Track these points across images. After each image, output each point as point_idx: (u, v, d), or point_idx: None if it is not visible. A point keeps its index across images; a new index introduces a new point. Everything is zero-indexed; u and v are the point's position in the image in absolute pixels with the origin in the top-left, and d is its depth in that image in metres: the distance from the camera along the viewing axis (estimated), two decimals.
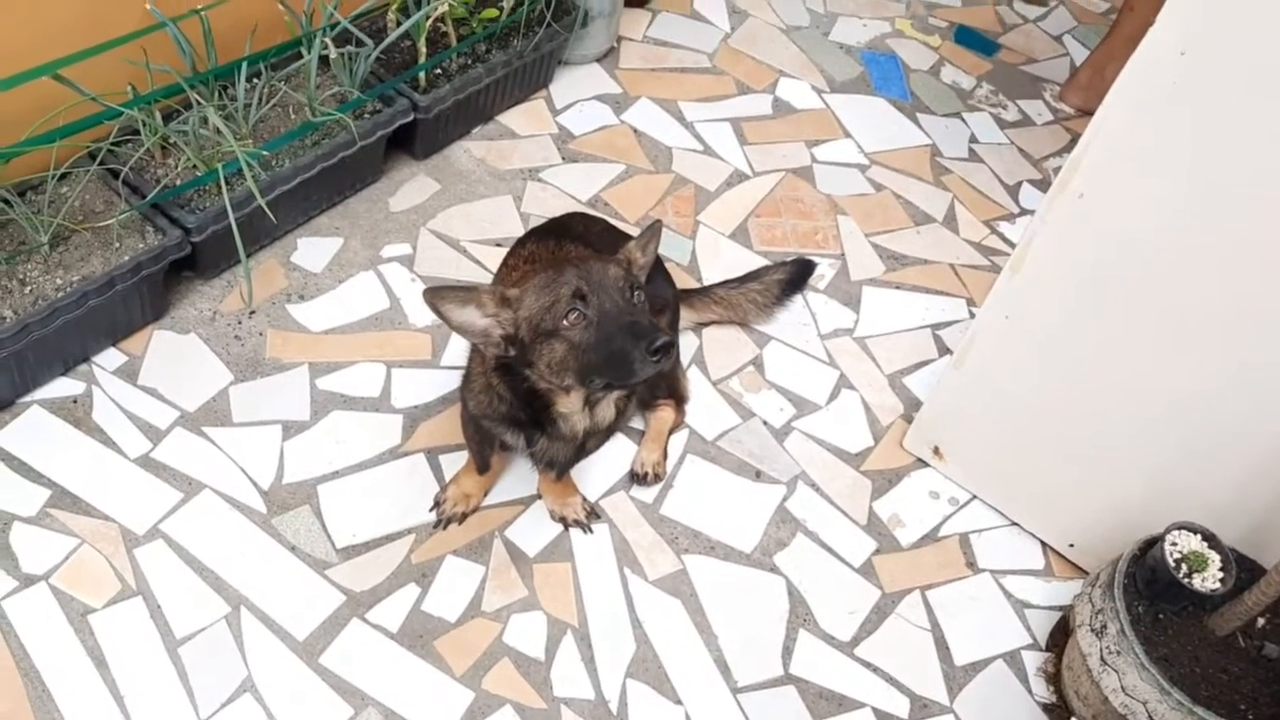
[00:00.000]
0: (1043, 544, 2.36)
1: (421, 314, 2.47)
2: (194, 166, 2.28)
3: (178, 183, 2.27)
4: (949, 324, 2.74)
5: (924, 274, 2.84)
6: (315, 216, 2.59)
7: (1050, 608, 2.28)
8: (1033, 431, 2.26)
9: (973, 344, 2.25)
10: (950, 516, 2.38)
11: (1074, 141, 3.23)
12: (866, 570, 2.27)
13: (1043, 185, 3.15)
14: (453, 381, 2.37)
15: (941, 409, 2.38)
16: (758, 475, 2.37)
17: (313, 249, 2.54)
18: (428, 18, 2.53)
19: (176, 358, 2.29)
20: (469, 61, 2.71)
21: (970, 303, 2.80)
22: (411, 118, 2.58)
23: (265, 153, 2.31)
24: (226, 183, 2.22)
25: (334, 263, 2.52)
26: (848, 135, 3.15)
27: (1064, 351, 2.12)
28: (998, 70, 3.49)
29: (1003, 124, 3.31)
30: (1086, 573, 2.32)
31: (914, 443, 2.46)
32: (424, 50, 2.59)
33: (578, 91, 3.05)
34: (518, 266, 2.08)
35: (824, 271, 2.78)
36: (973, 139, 3.24)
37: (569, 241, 2.10)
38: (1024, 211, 3.06)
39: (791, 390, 2.53)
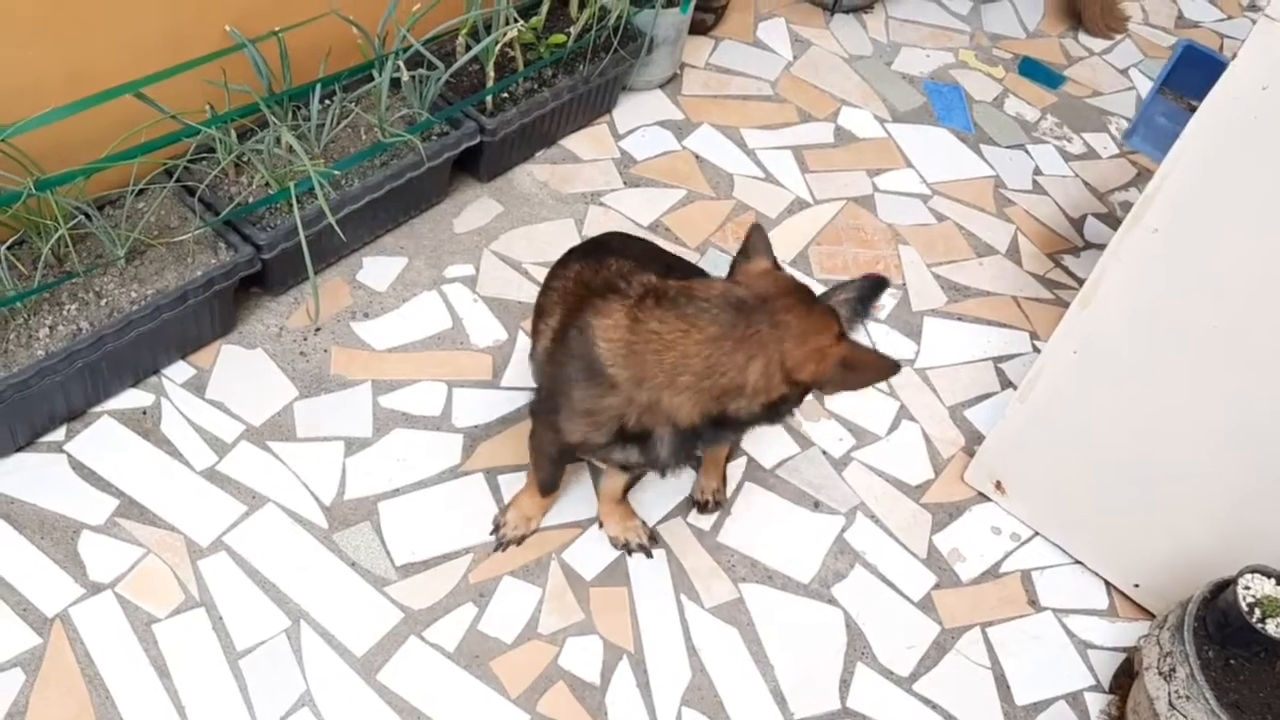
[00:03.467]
0: (1107, 583, 2.32)
1: (484, 334, 2.49)
2: (266, 184, 2.32)
3: (250, 200, 2.31)
4: (1012, 357, 2.71)
5: (986, 306, 2.81)
6: (381, 236, 2.62)
7: (1114, 649, 2.24)
8: (1098, 468, 2.22)
9: (1039, 378, 2.23)
10: (1012, 552, 2.35)
11: (1140, 176, 3.20)
12: (926, 605, 2.24)
13: (1108, 219, 3.11)
14: (514, 402, 2.38)
15: (1004, 443, 2.35)
16: (816, 505, 2.35)
17: (378, 268, 2.56)
18: (496, 43, 2.56)
19: (243, 372, 2.32)
20: (535, 86, 2.74)
21: (1034, 336, 2.77)
22: (478, 140, 2.60)
23: (336, 172, 2.34)
24: (297, 201, 2.25)
25: (398, 282, 2.55)
26: (909, 165, 3.13)
27: (1132, 388, 2.09)
28: (1062, 103, 3.46)
29: (1067, 157, 3.28)
30: (1152, 614, 2.27)
31: (975, 476, 2.43)
32: (492, 74, 2.61)
33: (640, 117, 3.06)
34: (566, 289, 2.04)
35: (885, 301, 2.76)
36: (1037, 171, 3.21)
37: (613, 260, 2.08)
38: (1089, 245, 3.03)
39: (851, 420, 2.51)
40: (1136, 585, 2.29)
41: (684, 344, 1.63)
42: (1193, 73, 2.83)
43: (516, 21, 2.57)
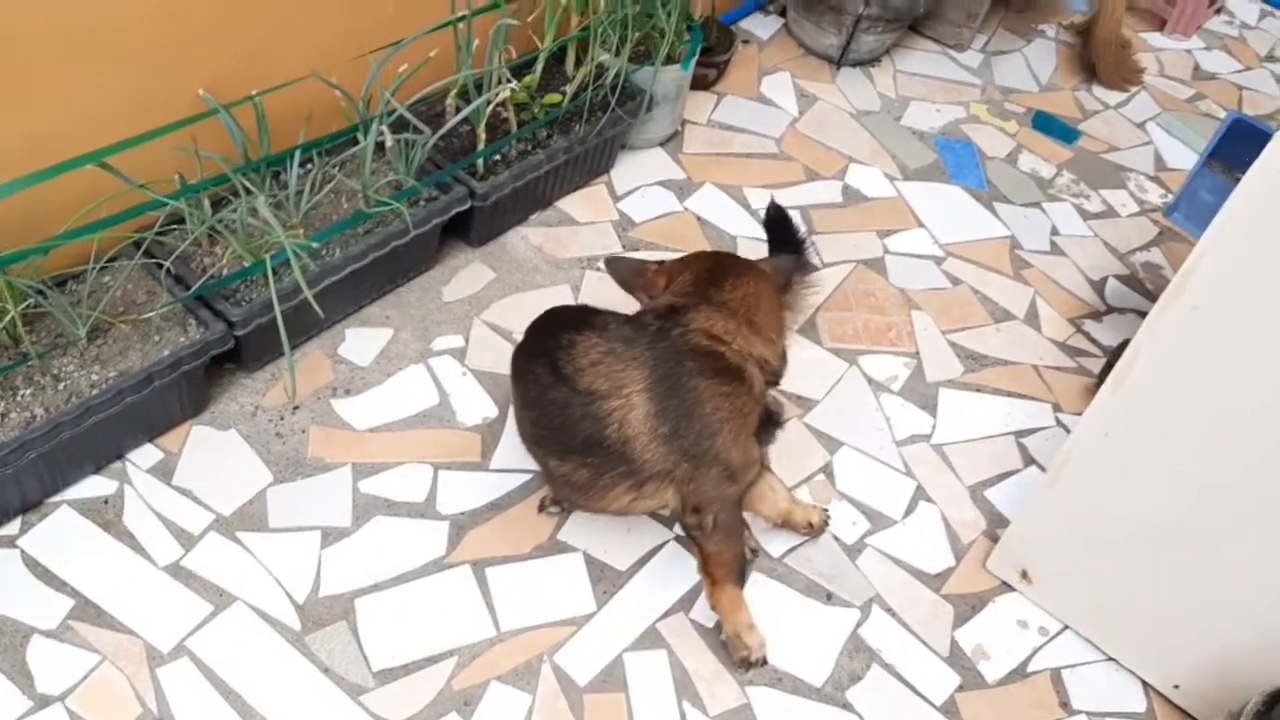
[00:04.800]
0: (1144, 684, 2.15)
1: (472, 410, 2.34)
2: (240, 257, 2.18)
3: (224, 273, 2.17)
4: (1033, 431, 2.55)
5: (1005, 375, 2.66)
6: (365, 305, 2.48)
7: None
8: (1133, 559, 2.06)
9: (1068, 461, 2.07)
10: (1040, 649, 2.18)
11: (1162, 235, 3.07)
12: (949, 709, 2.06)
13: (1130, 281, 2.97)
14: (503, 486, 2.22)
15: (1030, 529, 2.19)
16: (829, 598, 2.19)
17: (361, 340, 2.42)
18: (488, 104, 2.43)
19: (215, 456, 2.17)
20: (529, 148, 2.61)
21: (1057, 408, 2.61)
22: (468, 205, 2.47)
23: (314, 244, 2.20)
24: (274, 273, 2.11)
25: (383, 355, 2.40)
26: (921, 225, 2.99)
27: (1170, 474, 1.93)
28: (1078, 158, 3.33)
29: (1085, 215, 3.15)
30: (1194, 719, 2.10)
31: (999, 564, 2.26)
32: (483, 136, 2.48)
33: (640, 177, 2.93)
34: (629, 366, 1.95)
35: (898, 371, 2.61)
36: (1054, 231, 3.07)
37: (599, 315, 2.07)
38: (1111, 309, 2.88)
39: (865, 502, 2.35)
40: (1177, 687, 2.12)
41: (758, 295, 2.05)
42: (1241, 145, 2.65)
43: (509, 81, 2.45)
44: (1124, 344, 2.60)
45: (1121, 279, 2.98)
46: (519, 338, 2.40)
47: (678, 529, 2.23)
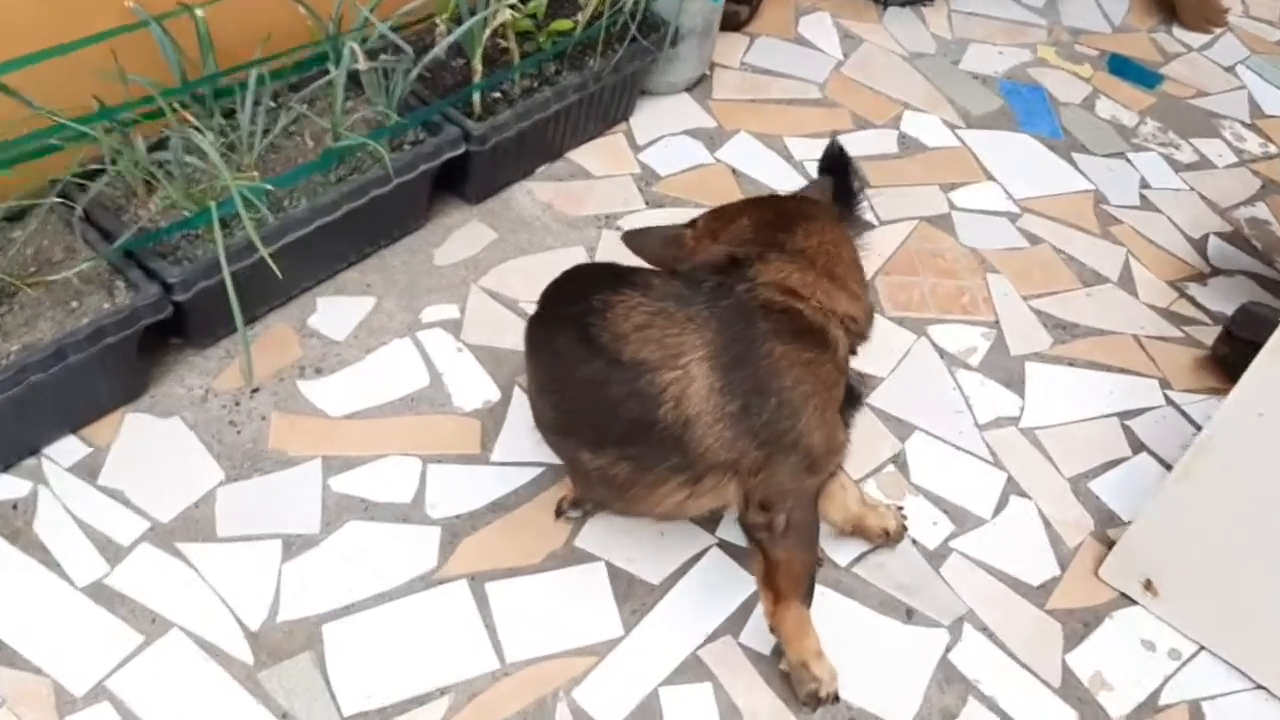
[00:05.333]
0: None
1: (470, 392, 1.94)
2: (177, 206, 1.78)
3: (161, 224, 1.78)
4: (1140, 412, 2.14)
5: (1101, 347, 2.25)
6: (342, 270, 2.08)
7: None
8: None
9: (1208, 448, 1.66)
10: (1173, 675, 1.76)
11: (1265, 188, 2.65)
12: None
13: (1234, 239, 2.55)
14: (508, 482, 1.82)
15: (1155, 530, 1.77)
16: (910, 615, 1.78)
17: (336, 310, 2.02)
18: (484, 26, 2.03)
19: (152, 449, 1.77)
20: (534, 84, 2.21)
21: (1164, 384, 2.20)
22: (463, 150, 2.06)
23: (270, 187, 1.80)
24: (223, 226, 1.71)
25: (362, 328, 2.00)
26: (991, 178, 2.58)
27: None
28: (1163, 104, 2.91)
29: (1177, 166, 2.73)
30: None
31: (1116, 573, 1.85)
32: (480, 69, 2.08)
33: (663, 125, 2.53)
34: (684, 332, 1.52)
35: (975, 343, 2.20)
36: (1143, 184, 2.66)
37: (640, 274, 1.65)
38: (1215, 270, 2.47)
39: (946, 499, 1.94)
40: None
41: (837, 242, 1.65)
42: None
43: (509, 2, 2.04)
44: (1242, 310, 2.20)
45: (1224, 236, 2.56)
46: (525, 307, 2.02)
47: (722, 532, 1.82)
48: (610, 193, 2.35)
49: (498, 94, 2.17)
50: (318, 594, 1.65)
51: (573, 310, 1.58)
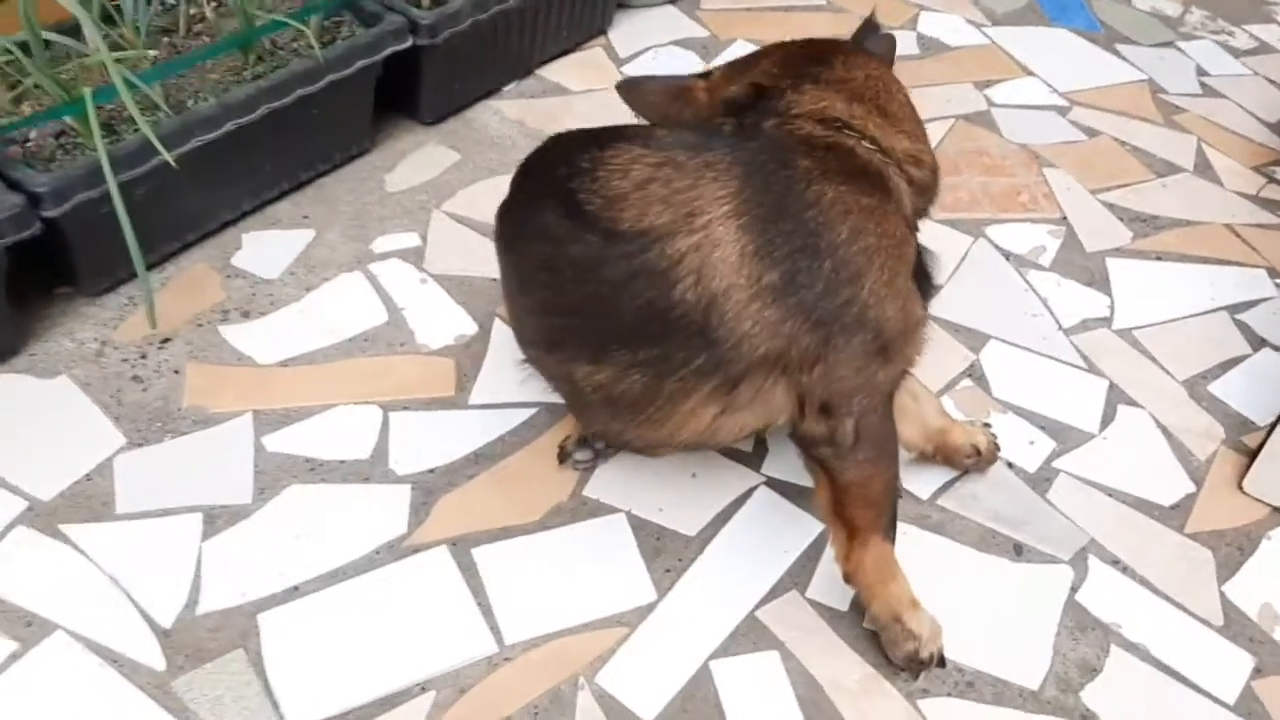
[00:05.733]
0: None
1: (438, 329, 1.56)
2: (40, 93, 1.41)
3: (18, 116, 1.40)
4: (1252, 304, 1.77)
5: (1191, 238, 1.88)
6: (272, 201, 1.70)
7: None
8: None
9: None
10: None
11: None
12: (1249, 708, 1.26)
13: None
14: (490, 428, 1.43)
15: None
16: (1019, 551, 1.38)
17: (267, 245, 1.64)
18: None
19: (31, 415, 1.38)
20: None
21: (1272, 273, 1.83)
22: (409, 44, 1.70)
23: (152, 55, 1.42)
24: (111, 131, 1.34)
25: (299, 263, 1.62)
26: (1029, 73, 2.23)
27: None
28: None
29: (1235, 52, 2.39)
30: None
31: (1267, 482, 1.46)
32: None
33: (649, 37, 2.17)
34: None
35: (1043, 241, 1.84)
36: (1200, 71, 2.31)
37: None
38: None
39: (1040, 413, 1.56)
40: None
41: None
42: None
43: None
44: None
45: None
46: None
47: (769, 468, 1.43)
48: (592, 109, 1.98)
49: None
50: (251, 577, 1.25)
51: (553, 177, 1.20)
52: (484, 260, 1.64)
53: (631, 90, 1.35)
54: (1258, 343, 1.71)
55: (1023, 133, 2.07)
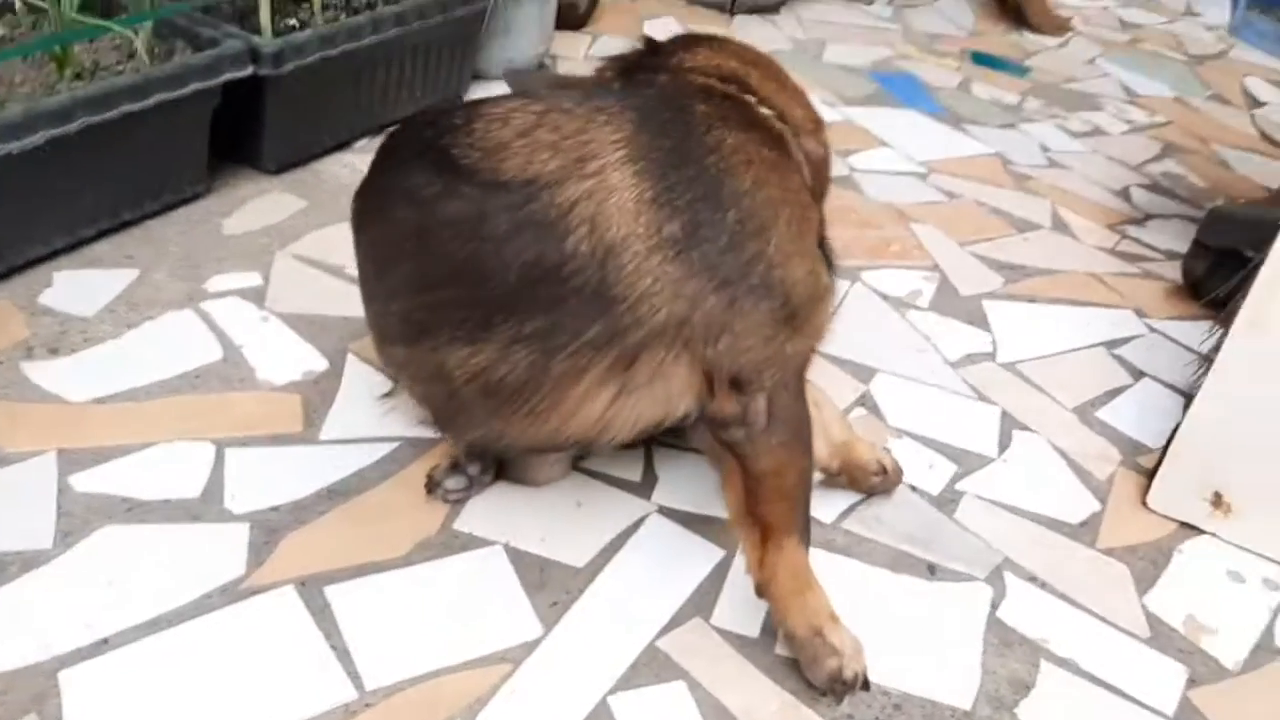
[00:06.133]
0: None
1: (283, 365, 1.39)
2: None
3: None
4: (1126, 340, 1.76)
5: (1059, 284, 1.89)
6: (89, 241, 1.52)
7: None
8: None
9: (1270, 297, 1.28)
10: None
11: (1167, 149, 2.43)
12: (1189, 717, 1.15)
13: (1157, 189, 2.29)
14: (341, 465, 1.26)
15: (1218, 419, 1.35)
16: (932, 571, 1.27)
17: (81, 284, 1.45)
18: None
19: None
20: (342, 16, 1.76)
21: (1140, 313, 1.84)
22: (250, 72, 1.58)
23: None
24: None
25: (119, 301, 1.44)
26: (885, 145, 2.26)
27: None
28: (1039, 87, 2.71)
29: (1072, 134, 2.49)
30: None
31: (1169, 498, 1.41)
32: None
33: None
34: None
35: (919, 286, 1.80)
36: (1044, 148, 2.39)
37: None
38: (1150, 215, 2.18)
39: (937, 439, 1.48)
40: None
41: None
42: None
43: None
44: (1211, 215, 1.87)
45: (1147, 188, 2.29)
46: (354, 271, 1.50)
47: (661, 496, 1.30)
48: None
49: (294, 23, 1.71)
50: (51, 629, 1.03)
51: (420, 139, 1.09)
52: (336, 297, 1.51)
53: (518, 79, 1.27)
54: (1137, 374, 1.69)
55: (887, 194, 2.07)
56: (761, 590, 1.09)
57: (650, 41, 1.21)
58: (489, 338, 1.02)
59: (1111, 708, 1.15)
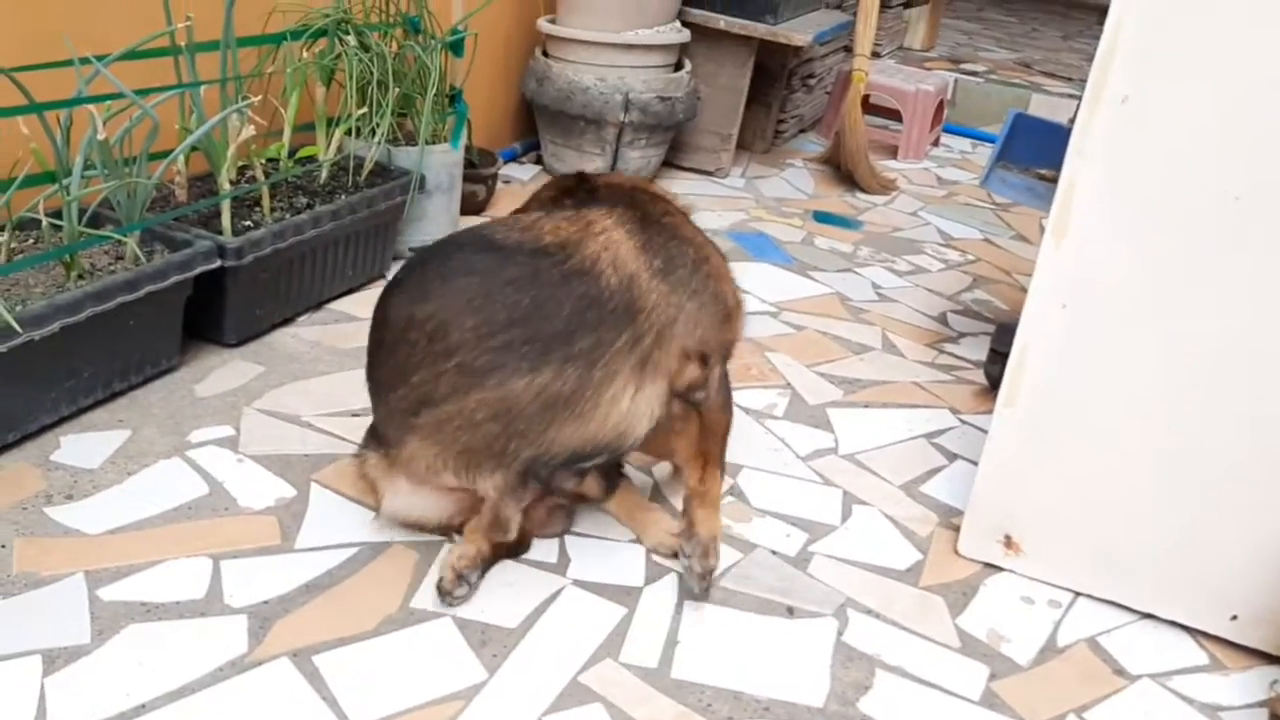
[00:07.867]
0: (1194, 631, 1.69)
1: (259, 494, 1.70)
2: None
3: None
4: (942, 431, 2.18)
5: (889, 393, 2.30)
6: (87, 409, 1.83)
7: (1248, 705, 1.57)
8: (1136, 475, 1.66)
9: (1024, 362, 1.70)
10: (1062, 620, 1.69)
11: (976, 281, 2.93)
12: (991, 701, 1.51)
13: (967, 313, 2.76)
14: (317, 566, 1.57)
15: (999, 478, 1.76)
16: (791, 612, 1.62)
17: (84, 444, 1.76)
18: (228, 144, 1.98)
19: None
20: (287, 216, 2.14)
21: (954, 411, 2.26)
22: (218, 264, 1.94)
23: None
24: None
25: (119, 455, 1.74)
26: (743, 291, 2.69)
27: (1163, 331, 1.59)
28: (870, 238, 3.21)
29: (898, 274, 2.97)
30: (1269, 652, 1.65)
31: (975, 545, 1.79)
32: (226, 183, 2.01)
33: None
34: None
35: (774, 400, 2.20)
36: (875, 286, 2.86)
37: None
38: (963, 334, 2.64)
39: (792, 515, 1.85)
40: (1234, 618, 1.66)
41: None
42: (1029, 141, 2.52)
43: (247, 118, 2.01)
44: (1001, 328, 2.33)
45: (959, 312, 2.77)
46: (310, 420, 1.88)
47: (575, 572, 1.63)
48: None
49: (249, 223, 2.08)
50: (98, 699, 1.31)
51: (457, 240, 1.58)
52: (297, 441, 1.83)
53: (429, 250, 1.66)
54: (952, 456, 2.09)
55: (746, 330, 2.49)
56: (694, 502, 1.56)
57: (581, 173, 1.69)
58: (548, 360, 1.40)
59: (931, 699, 1.50)
